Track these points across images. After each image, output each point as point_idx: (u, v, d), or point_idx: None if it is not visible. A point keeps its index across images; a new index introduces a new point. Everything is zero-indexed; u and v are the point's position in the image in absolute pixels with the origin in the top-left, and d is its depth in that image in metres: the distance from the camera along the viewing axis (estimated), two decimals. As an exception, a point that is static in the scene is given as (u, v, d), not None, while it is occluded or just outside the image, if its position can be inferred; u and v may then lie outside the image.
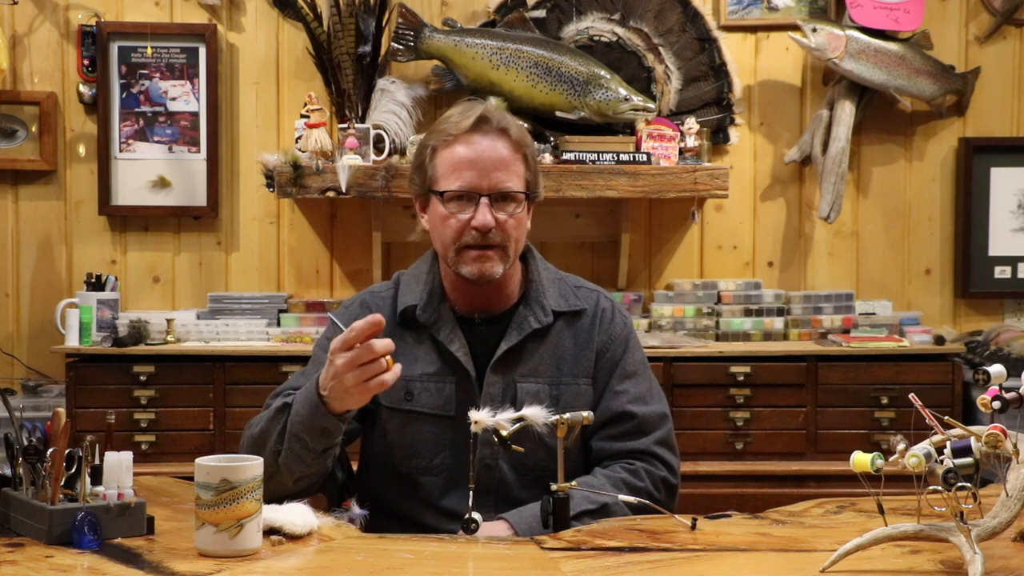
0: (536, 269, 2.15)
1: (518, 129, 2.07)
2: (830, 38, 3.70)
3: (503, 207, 2.03)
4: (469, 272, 2.03)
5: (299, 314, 3.69)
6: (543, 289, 2.12)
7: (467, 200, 2.02)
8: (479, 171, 2.01)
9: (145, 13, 3.87)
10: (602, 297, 2.18)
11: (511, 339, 2.07)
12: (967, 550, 1.48)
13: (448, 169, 2.03)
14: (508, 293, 2.12)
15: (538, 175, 2.10)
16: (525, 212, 2.08)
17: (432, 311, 2.09)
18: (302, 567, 1.65)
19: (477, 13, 3.89)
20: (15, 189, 3.89)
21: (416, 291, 2.11)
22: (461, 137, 2.03)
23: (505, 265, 2.05)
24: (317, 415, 1.88)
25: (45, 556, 1.64)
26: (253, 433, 1.98)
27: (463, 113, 2.06)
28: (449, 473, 2.05)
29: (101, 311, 3.61)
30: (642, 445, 2.07)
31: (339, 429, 1.92)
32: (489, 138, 2.03)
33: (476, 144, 2.02)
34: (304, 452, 1.92)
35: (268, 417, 1.97)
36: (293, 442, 1.91)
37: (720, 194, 3.63)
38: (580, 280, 2.21)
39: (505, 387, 2.06)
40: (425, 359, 2.08)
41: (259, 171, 3.74)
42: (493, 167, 2.02)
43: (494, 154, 2.02)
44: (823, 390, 3.55)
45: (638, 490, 2.02)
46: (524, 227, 2.08)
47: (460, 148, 2.03)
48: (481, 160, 2.02)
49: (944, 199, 3.99)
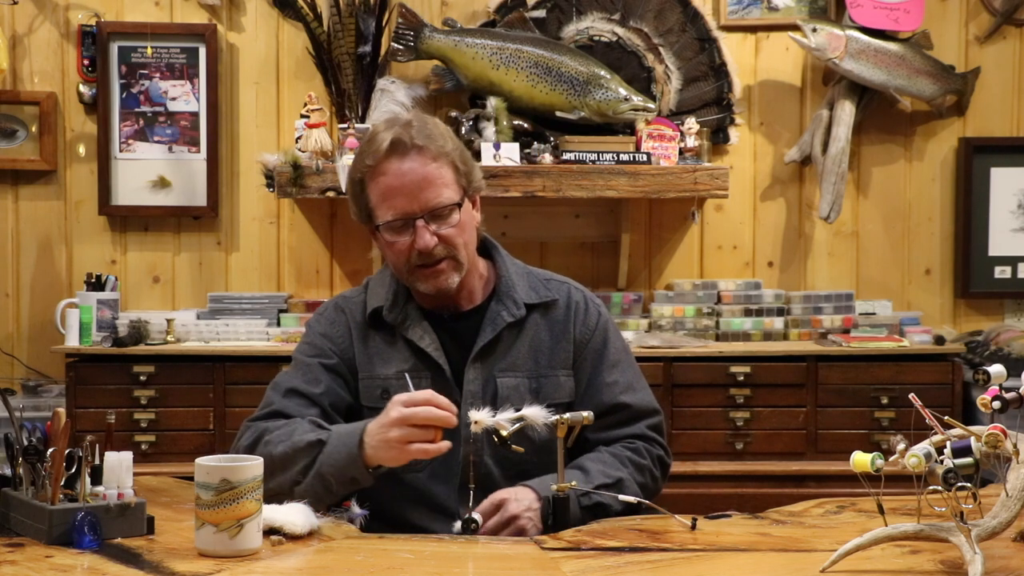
0: (504, 265, 2.17)
1: (437, 136, 2.04)
2: (830, 38, 3.70)
3: (441, 223, 2.03)
4: (426, 289, 2.06)
5: (299, 314, 3.69)
6: (512, 283, 2.14)
7: (404, 226, 2.03)
8: (407, 196, 2.01)
9: (145, 13, 3.87)
10: (572, 288, 2.20)
11: (486, 335, 2.09)
12: (967, 550, 1.48)
13: (379, 200, 2.04)
14: (470, 291, 2.14)
15: (473, 168, 2.10)
16: (469, 211, 2.08)
17: (399, 311, 2.11)
18: (302, 567, 1.65)
19: (477, 13, 3.89)
20: (15, 189, 3.89)
21: (381, 293, 2.14)
22: (381, 165, 2.02)
23: (460, 273, 2.07)
24: (351, 465, 1.89)
25: (45, 556, 1.64)
26: (273, 453, 1.95)
27: (379, 136, 2.04)
28: (432, 469, 2.05)
29: (101, 311, 3.61)
30: (637, 430, 2.12)
31: (368, 482, 1.92)
32: (408, 160, 2.01)
33: (396, 169, 2.01)
34: (325, 493, 1.93)
35: (296, 446, 1.94)
36: (317, 482, 1.92)
37: (720, 194, 3.63)
38: (548, 273, 2.23)
39: (485, 382, 2.08)
40: (399, 357, 2.10)
41: (259, 171, 3.75)
42: (418, 189, 2.01)
43: (416, 176, 2.01)
44: (823, 390, 3.55)
45: (642, 467, 2.07)
46: (470, 228, 2.09)
47: (383, 178, 2.02)
48: (406, 185, 2.01)
49: (944, 199, 3.99)
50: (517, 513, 1.89)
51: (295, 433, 1.97)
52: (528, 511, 1.90)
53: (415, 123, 2.06)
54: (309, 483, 1.92)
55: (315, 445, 1.93)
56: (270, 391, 2.11)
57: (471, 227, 2.09)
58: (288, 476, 1.93)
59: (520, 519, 1.89)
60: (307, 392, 2.07)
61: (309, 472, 1.92)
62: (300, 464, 1.93)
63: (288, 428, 1.99)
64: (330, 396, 2.08)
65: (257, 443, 2.00)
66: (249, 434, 2.04)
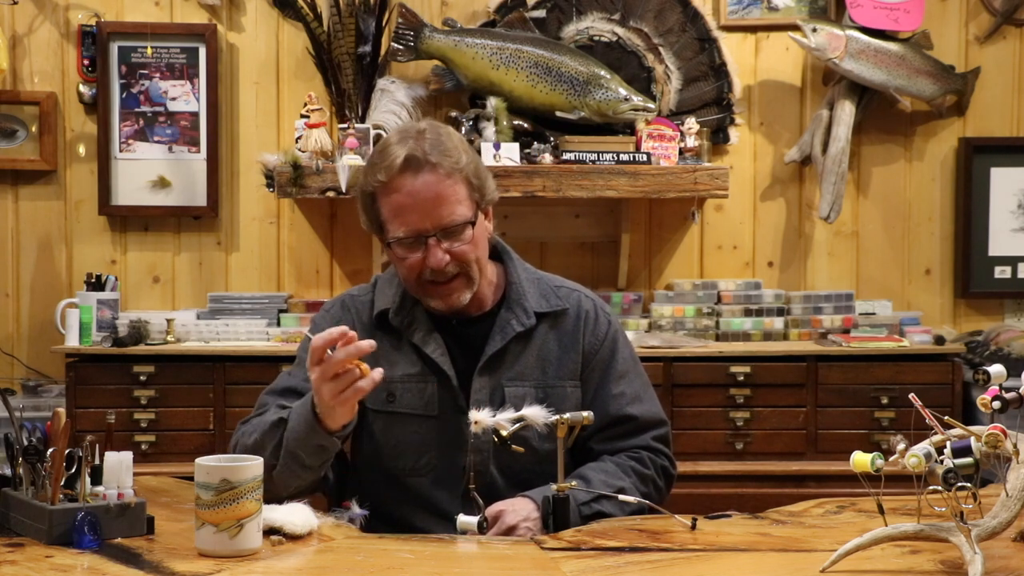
0: (515, 271, 2.14)
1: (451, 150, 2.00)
2: (830, 38, 3.70)
3: (453, 240, 2.00)
4: (437, 306, 2.05)
5: (299, 314, 3.69)
6: (523, 291, 2.11)
7: (416, 242, 2.00)
8: (420, 214, 1.98)
9: (145, 13, 3.87)
10: (583, 297, 2.17)
11: (495, 343, 2.07)
12: (967, 550, 1.48)
13: (391, 215, 2.01)
14: (481, 297, 2.11)
15: (485, 179, 2.06)
16: (482, 224, 2.05)
17: (405, 314, 2.09)
18: (302, 567, 1.65)
19: (477, 13, 3.89)
20: (15, 189, 3.89)
21: (389, 295, 2.12)
22: (394, 182, 1.98)
23: (471, 289, 2.05)
24: (312, 433, 1.89)
25: (45, 556, 1.64)
26: (247, 443, 1.97)
27: (392, 152, 1.99)
28: (436, 473, 2.05)
29: (101, 311, 3.61)
30: (643, 441, 2.10)
31: (335, 445, 1.92)
32: (421, 177, 1.98)
33: (409, 186, 1.98)
34: (300, 468, 1.93)
35: (263, 430, 1.96)
36: (289, 459, 1.92)
37: (720, 194, 3.63)
38: (559, 279, 2.20)
39: (492, 391, 2.06)
40: (405, 360, 2.08)
41: (259, 171, 3.75)
42: (432, 206, 1.98)
43: (430, 193, 1.98)
44: (823, 390, 3.55)
45: (645, 476, 2.06)
46: (483, 242, 2.06)
47: (396, 195, 1.99)
48: (419, 203, 1.98)
49: (944, 199, 3.99)
50: (514, 524, 1.89)
51: (263, 421, 1.98)
52: (526, 521, 1.89)
53: (429, 135, 2.01)
54: (283, 463, 1.92)
55: (278, 424, 1.94)
56: (265, 393, 2.10)
57: (483, 241, 2.07)
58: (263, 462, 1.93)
59: (518, 529, 1.88)
60: (305, 390, 2.04)
61: (280, 452, 1.92)
62: (270, 447, 1.93)
63: (259, 419, 2.01)
64: None
65: (239, 442, 2.01)
66: (235, 435, 2.04)
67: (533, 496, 1.94)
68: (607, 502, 1.95)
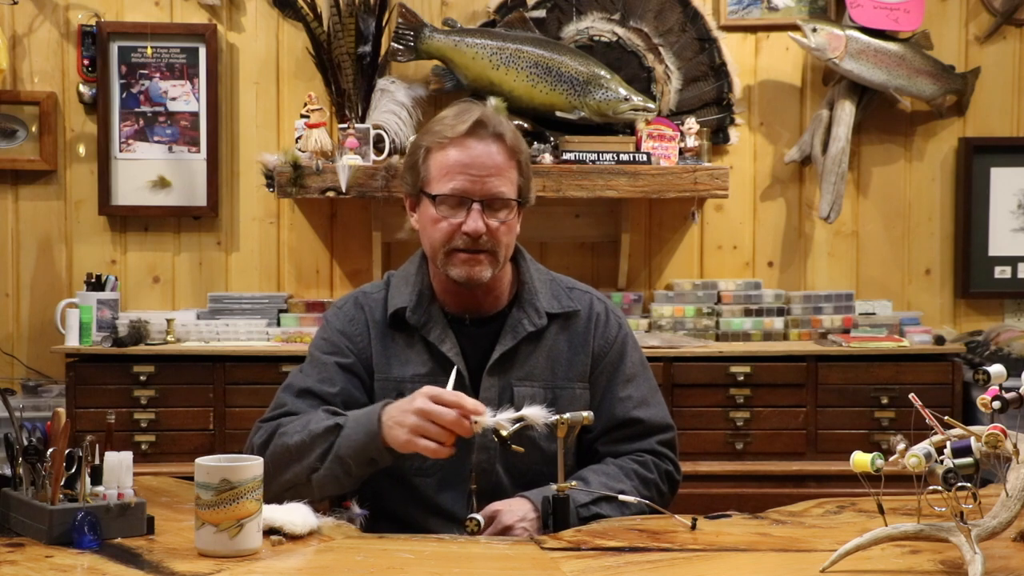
0: (528, 271, 2.15)
1: (513, 135, 2.06)
2: (830, 38, 3.70)
3: (495, 213, 2.02)
4: (457, 275, 2.03)
5: (299, 314, 3.69)
6: (535, 291, 2.12)
7: (459, 204, 2.01)
8: (472, 176, 2.00)
9: (145, 13, 3.87)
10: (595, 299, 2.17)
11: (506, 343, 2.07)
12: (967, 550, 1.48)
13: (441, 172, 2.02)
14: (497, 295, 2.11)
15: (530, 180, 2.09)
16: (516, 217, 2.07)
17: (422, 312, 2.09)
18: (302, 567, 1.65)
19: (477, 13, 3.89)
20: (15, 189, 3.89)
21: (406, 293, 2.11)
22: (456, 140, 2.01)
23: (494, 269, 2.04)
24: (371, 443, 1.89)
25: (45, 556, 1.64)
26: (288, 443, 1.96)
27: (459, 116, 2.04)
28: (443, 474, 2.05)
29: (101, 311, 3.61)
30: (648, 445, 2.10)
31: (387, 462, 1.92)
32: (484, 143, 2.01)
33: (471, 149, 2.01)
34: (344, 476, 1.93)
35: (314, 433, 1.94)
36: (336, 465, 1.92)
37: (720, 194, 3.63)
38: (572, 281, 2.21)
39: (502, 391, 2.06)
40: (417, 360, 2.08)
41: (259, 171, 3.75)
42: (487, 173, 2.01)
43: (488, 160, 2.01)
44: (823, 390, 3.55)
45: (647, 480, 2.05)
46: (514, 232, 2.08)
47: (454, 152, 2.01)
48: (475, 165, 2.00)
49: (944, 199, 3.99)
50: (511, 524, 1.89)
51: (311, 422, 1.97)
52: (523, 521, 1.89)
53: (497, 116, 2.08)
54: (327, 468, 1.92)
55: (333, 430, 1.93)
56: (282, 392, 2.09)
57: (515, 232, 2.08)
58: (305, 464, 1.93)
59: (514, 530, 1.88)
60: (321, 392, 2.05)
61: (327, 457, 1.92)
62: (318, 451, 1.93)
63: (304, 419, 1.99)
64: (344, 397, 2.05)
65: (271, 438, 1.99)
66: (262, 432, 2.02)
67: (531, 496, 1.94)
68: (606, 504, 1.95)
